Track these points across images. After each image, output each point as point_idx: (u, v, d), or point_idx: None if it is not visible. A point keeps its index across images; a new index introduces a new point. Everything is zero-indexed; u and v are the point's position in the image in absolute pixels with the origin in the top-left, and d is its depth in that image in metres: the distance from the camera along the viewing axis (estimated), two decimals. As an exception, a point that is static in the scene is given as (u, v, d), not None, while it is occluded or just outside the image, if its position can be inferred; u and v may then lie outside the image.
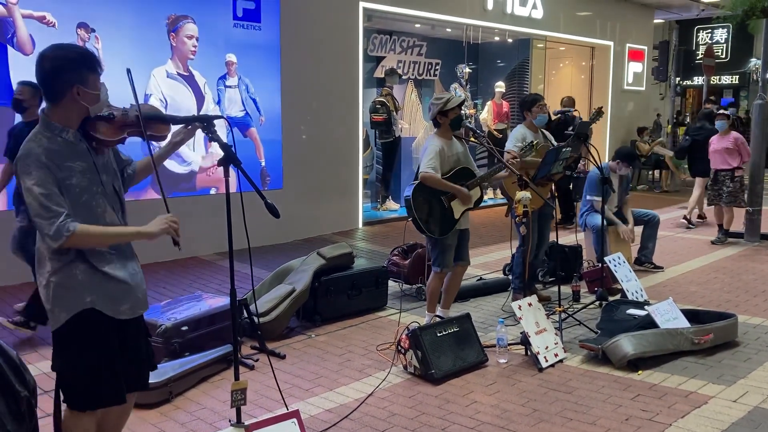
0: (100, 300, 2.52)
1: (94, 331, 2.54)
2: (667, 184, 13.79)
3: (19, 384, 2.69)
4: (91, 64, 2.50)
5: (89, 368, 2.54)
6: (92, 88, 2.49)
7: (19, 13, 6.10)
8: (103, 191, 2.57)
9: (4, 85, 6.07)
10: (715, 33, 23.72)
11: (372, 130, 10.21)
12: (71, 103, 2.47)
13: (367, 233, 8.90)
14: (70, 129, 2.50)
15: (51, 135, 2.46)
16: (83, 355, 2.54)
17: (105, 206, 2.56)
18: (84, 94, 2.46)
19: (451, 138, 4.71)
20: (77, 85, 2.44)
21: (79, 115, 2.51)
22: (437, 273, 4.75)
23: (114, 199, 2.62)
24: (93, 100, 2.50)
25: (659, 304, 4.71)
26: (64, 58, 2.46)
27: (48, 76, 2.44)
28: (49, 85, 2.46)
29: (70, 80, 2.43)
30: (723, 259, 7.46)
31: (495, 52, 12.73)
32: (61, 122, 2.48)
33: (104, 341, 2.56)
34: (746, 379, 4.09)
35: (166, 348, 4.21)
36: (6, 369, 2.68)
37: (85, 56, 2.51)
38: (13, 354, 2.77)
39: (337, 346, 4.72)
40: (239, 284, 3.44)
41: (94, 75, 2.49)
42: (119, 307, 2.57)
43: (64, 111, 2.48)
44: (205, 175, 7.48)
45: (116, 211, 2.61)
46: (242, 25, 7.70)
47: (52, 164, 2.41)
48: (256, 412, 3.66)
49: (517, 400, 3.83)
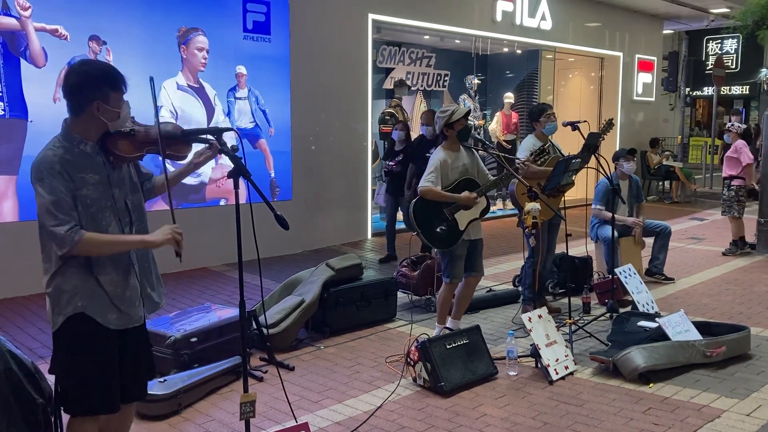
0: (90, 306, 2.54)
1: (87, 337, 2.56)
2: (678, 195, 13.73)
3: (35, 392, 2.71)
4: (114, 83, 2.53)
5: (82, 374, 2.57)
6: (113, 105, 2.52)
7: (32, 26, 6.16)
8: (113, 206, 2.59)
9: (18, 97, 6.12)
10: (725, 43, 23.67)
11: (381, 141, 10.23)
12: (91, 117, 2.51)
13: (376, 244, 8.89)
14: (89, 142, 2.55)
15: (69, 145, 2.52)
16: (76, 361, 2.57)
17: (111, 220, 2.58)
18: (104, 110, 2.51)
19: (458, 149, 4.69)
20: (98, 102, 2.49)
21: (99, 129, 2.56)
22: (447, 284, 4.72)
23: (123, 214, 2.64)
24: (113, 117, 2.54)
25: (670, 316, 4.67)
26: (87, 74, 2.52)
27: (71, 90, 2.51)
28: (71, 99, 2.52)
29: (91, 96, 2.48)
30: (735, 270, 7.40)
31: (504, 63, 12.75)
32: (81, 134, 2.54)
33: (97, 348, 2.57)
34: (759, 392, 4.04)
35: (175, 359, 4.21)
36: (21, 377, 2.70)
37: (109, 74, 2.55)
38: (29, 363, 2.79)
39: (346, 358, 4.70)
40: (248, 295, 3.44)
41: (116, 93, 2.53)
42: (108, 316, 2.57)
43: (84, 124, 2.54)
44: (215, 186, 7.51)
45: (124, 225, 2.63)
46: (252, 37, 7.74)
47: (65, 173, 2.45)
48: (265, 424, 3.65)
49: (527, 413, 3.80)
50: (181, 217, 2.70)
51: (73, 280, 2.52)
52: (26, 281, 6.02)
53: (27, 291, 6.12)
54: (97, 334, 2.56)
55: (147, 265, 2.75)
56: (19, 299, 6.05)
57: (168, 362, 4.19)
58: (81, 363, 2.57)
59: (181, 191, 7.15)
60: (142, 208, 2.75)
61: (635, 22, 13.89)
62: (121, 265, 2.61)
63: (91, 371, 2.57)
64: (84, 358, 2.57)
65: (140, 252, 2.71)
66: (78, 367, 2.57)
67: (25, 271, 5.94)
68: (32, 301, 5.95)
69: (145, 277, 2.72)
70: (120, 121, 2.57)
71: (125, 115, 2.59)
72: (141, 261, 2.71)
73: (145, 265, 2.73)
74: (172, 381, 3.87)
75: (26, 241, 5.41)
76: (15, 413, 2.68)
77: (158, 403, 3.72)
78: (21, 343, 4.86)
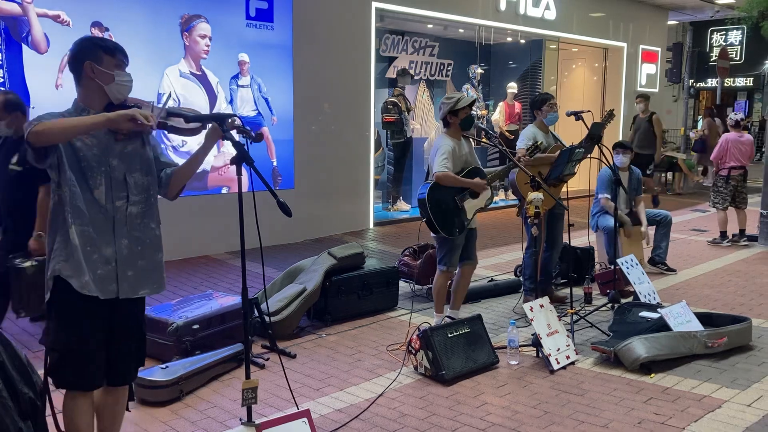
0: (65, 268, 2.56)
1: (67, 306, 2.59)
2: (680, 187, 13.71)
3: (25, 385, 2.70)
4: (108, 48, 2.63)
5: (61, 346, 2.62)
6: (106, 67, 2.59)
7: (34, 12, 6.14)
8: (108, 173, 2.61)
9: (19, 83, 6.11)
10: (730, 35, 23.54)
11: (383, 131, 10.20)
12: (88, 81, 2.60)
13: (378, 233, 8.90)
14: (91, 110, 2.60)
15: (73, 111, 2.61)
16: (57, 331, 2.62)
17: (101, 184, 2.59)
18: (98, 72, 2.59)
19: (460, 138, 4.71)
20: (89, 61, 2.57)
21: (100, 96, 2.62)
22: (443, 272, 4.75)
23: (120, 187, 2.64)
24: (107, 78, 2.60)
25: (672, 306, 4.68)
26: (86, 40, 2.67)
27: (72, 59, 2.62)
28: (73, 68, 2.62)
29: (85, 57, 2.58)
30: (737, 262, 7.40)
31: (507, 53, 12.68)
32: (85, 103, 2.63)
33: (76, 319, 2.60)
34: (760, 383, 4.05)
35: (177, 346, 4.22)
36: (11, 369, 2.68)
37: (106, 41, 2.67)
38: (22, 355, 2.78)
39: (347, 346, 4.71)
40: (250, 283, 3.44)
41: (109, 57, 2.61)
42: (82, 279, 2.56)
43: (85, 91, 2.62)
44: (217, 174, 7.50)
45: (116, 198, 2.63)
46: (255, 24, 7.71)
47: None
48: (266, 411, 3.66)
49: (528, 402, 3.81)
50: (183, 205, 2.71)
51: (55, 238, 2.59)
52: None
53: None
54: (76, 304, 2.58)
55: (141, 248, 2.70)
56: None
57: (170, 349, 4.21)
58: (61, 334, 2.62)
59: (183, 179, 7.14)
60: (149, 191, 2.74)
61: (639, 12, 13.82)
62: (97, 222, 2.59)
63: (68, 343, 2.61)
64: (63, 330, 2.61)
65: (137, 233, 2.69)
66: (58, 338, 2.62)
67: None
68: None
69: (134, 260, 2.68)
70: (115, 86, 2.61)
71: (121, 81, 2.62)
72: (136, 242, 2.68)
73: (138, 248, 2.69)
74: (174, 368, 3.88)
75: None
76: (5, 406, 2.66)
77: (160, 389, 3.73)
78: (23, 329, 4.88)
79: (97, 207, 2.60)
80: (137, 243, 2.70)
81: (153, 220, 2.76)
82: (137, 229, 2.70)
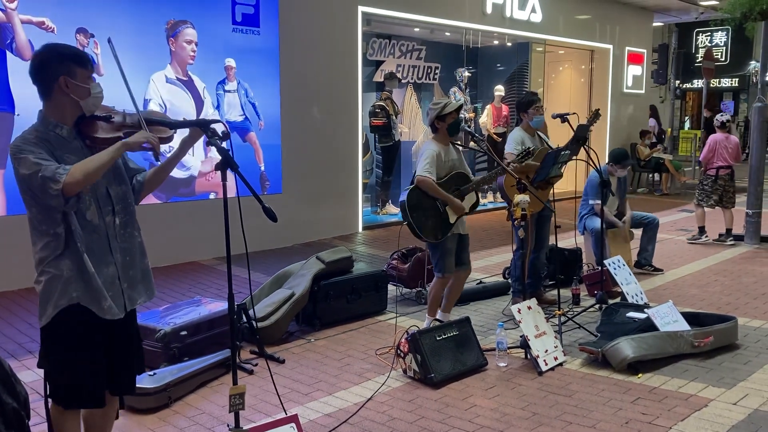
0: (84, 296, 2.52)
1: (78, 329, 2.54)
2: (668, 187, 13.81)
3: (8, 395, 2.68)
4: (79, 60, 2.52)
5: (71, 367, 2.56)
6: (81, 81, 2.50)
7: (18, 18, 6.11)
8: (94, 189, 2.55)
9: (3, 90, 6.07)
10: (715, 36, 23.76)
11: (371, 134, 10.21)
12: (61, 96, 2.49)
13: (366, 237, 8.90)
14: (64, 126, 2.52)
15: (44, 129, 2.50)
16: (67, 355, 2.56)
17: (91, 204, 2.54)
18: (73, 86, 2.48)
19: (448, 144, 4.71)
20: (64, 76, 2.46)
21: (73, 110, 2.53)
22: (440, 279, 4.74)
23: (105, 201, 2.60)
24: (83, 93, 2.51)
25: (659, 306, 4.70)
26: (52, 51, 2.51)
27: (37, 71, 2.49)
28: (39, 80, 2.50)
29: (57, 71, 2.46)
30: (723, 261, 7.45)
31: (494, 55, 12.74)
32: (56, 118, 2.51)
33: (87, 342, 2.56)
34: (746, 381, 4.08)
35: (165, 353, 4.20)
36: None
37: (74, 51, 2.56)
38: (6, 365, 2.75)
39: (336, 351, 4.71)
40: (238, 289, 3.44)
41: (82, 69, 2.51)
42: (102, 304, 2.55)
43: (56, 106, 2.51)
44: (204, 179, 7.48)
45: (105, 213, 2.59)
46: (241, 29, 7.71)
47: (42, 145, 2.43)
48: (254, 416, 3.66)
49: (516, 404, 3.82)
50: (170, 211, 2.70)
51: (64, 272, 2.49)
52: (14, 276, 5.98)
53: (15, 286, 6.08)
54: (88, 327, 2.55)
55: (130, 258, 2.69)
56: (8, 293, 6.01)
57: (158, 355, 4.19)
58: (72, 357, 2.55)
59: (170, 185, 7.11)
60: (127, 200, 2.71)
61: (625, 14, 13.92)
62: (96, 243, 2.56)
63: (81, 366, 2.56)
64: (74, 353, 2.55)
65: (124, 244, 2.67)
66: (68, 362, 2.55)
67: (13, 266, 5.91)
68: (21, 296, 5.92)
69: (126, 271, 2.67)
70: (91, 100, 2.53)
71: (96, 93, 2.55)
72: (124, 253, 2.67)
73: (127, 259, 2.68)
74: (162, 374, 3.86)
75: (14, 236, 5.41)
76: None
77: (148, 396, 3.71)
78: (10, 338, 4.85)
79: (91, 228, 2.55)
80: (126, 254, 2.68)
81: (135, 228, 2.74)
82: (125, 240, 2.68)
